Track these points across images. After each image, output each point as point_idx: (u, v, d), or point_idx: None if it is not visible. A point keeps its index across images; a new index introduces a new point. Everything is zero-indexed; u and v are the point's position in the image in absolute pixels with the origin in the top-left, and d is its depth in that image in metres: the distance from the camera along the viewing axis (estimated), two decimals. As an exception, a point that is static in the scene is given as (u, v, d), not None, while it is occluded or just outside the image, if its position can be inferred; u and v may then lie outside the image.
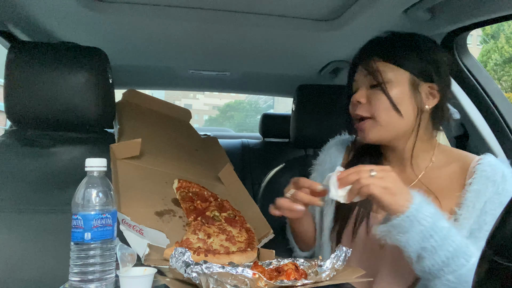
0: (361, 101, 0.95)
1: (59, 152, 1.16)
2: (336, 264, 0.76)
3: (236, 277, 0.66)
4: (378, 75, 0.92)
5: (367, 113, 0.94)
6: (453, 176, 0.94)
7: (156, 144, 1.29)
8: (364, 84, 0.96)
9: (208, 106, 54.17)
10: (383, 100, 0.92)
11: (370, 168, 0.80)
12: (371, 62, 0.94)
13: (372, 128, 0.94)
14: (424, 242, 0.77)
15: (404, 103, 0.92)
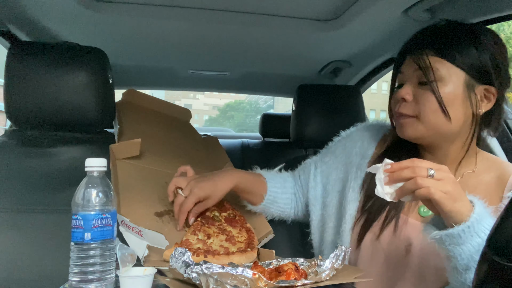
0: (407, 98, 0.87)
1: (59, 152, 1.16)
2: (336, 263, 0.76)
3: (236, 277, 0.66)
4: (430, 72, 0.83)
5: (412, 112, 0.86)
6: (490, 186, 0.88)
7: (156, 144, 1.29)
8: (411, 79, 0.87)
9: (208, 106, 54.19)
10: (432, 100, 0.83)
11: (428, 166, 0.70)
12: (424, 56, 0.84)
13: (414, 126, 0.87)
14: (476, 255, 0.68)
15: (455, 106, 0.83)
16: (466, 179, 0.90)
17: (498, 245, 0.38)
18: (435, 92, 0.83)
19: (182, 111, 1.58)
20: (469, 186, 0.88)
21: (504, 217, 0.39)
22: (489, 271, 0.38)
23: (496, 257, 0.37)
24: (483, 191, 0.87)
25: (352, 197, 0.99)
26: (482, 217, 0.70)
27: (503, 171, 0.89)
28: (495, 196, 0.86)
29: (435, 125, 0.85)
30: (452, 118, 0.84)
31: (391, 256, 0.90)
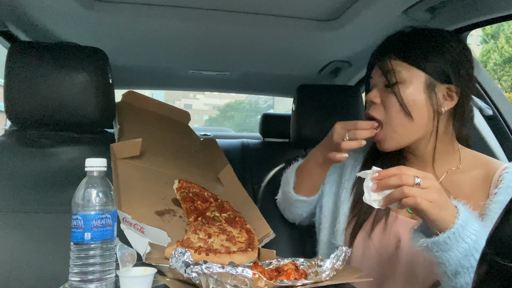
0: (375, 101, 0.92)
1: (59, 152, 1.16)
2: (336, 264, 0.76)
3: (236, 277, 0.66)
4: (391, 75, 0.89)
5: (380, 115, 0.91)
6: (476, 182, 0.89)
7: (156, 145, 1.29)
8: (379, 83, 0.93)
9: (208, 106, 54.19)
10: (396, 102, 0.88)
11: (415, 174, 0.71)
12: (387, 61, 0.90)
13: (388, 137, 0.91)
14: (464, 260, 0.71)
15: (418, 106, 0.88)
16: (450, 176, 0.92)
17: (498, 245, 0.38)
18: (396, 93, 0.88)
19: (181, 113, 1.58)
20: (454, 182, 0.91)
21: (504, 217, 0.39)
22: (489, 271, 0.38)
23: (496, 257, 0.37)
24: (468, 187, 0.89)
25: (345, 197, 1.02)
26: (467, 223, 0.71)
27: (488, 167, 0.90)
28: (482, 192, 0.87)
29: (402, 127, 0.89)
30: (417, 117, 0.88)
31: (382, 253, 0.92)
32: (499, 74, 16.62)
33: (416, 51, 0.89)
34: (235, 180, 1.30)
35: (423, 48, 0.89)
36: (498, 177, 0.86)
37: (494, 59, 16.78)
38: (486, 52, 17.34)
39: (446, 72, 0.88)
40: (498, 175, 0.87)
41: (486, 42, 18.46)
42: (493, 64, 16.68)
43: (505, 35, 17.09)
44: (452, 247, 0.70)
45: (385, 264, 0.91)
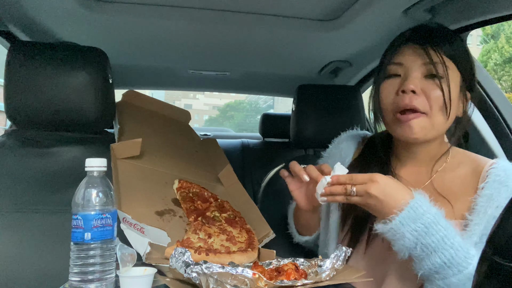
0: (417, 90, 0.84)
1: (59, 152, 1.16)
2: (336, 264, 0.76)
3: (236, 277, 0.66)
4: (440, 67, 0.84)
5: (423, 107, 0.85)
6: (465, 179, 0.91)
7: (156, 144, 1.29)
8: (417, 71, 0.86)
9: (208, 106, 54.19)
10: (441, 95, 0.84)
11: (354, 183, 0.81)
12: (435, 51, 0.85)
13: (423, 125, 0.86)
14: (419, 240, 0.77)
15: (453, 105, 0.87)
16: (440, 175, 0.94)
17: (498, 245, 0.38)
18: (444, 89, 0.84)
19: (182, 113, 1.58)
20: (444, 181, 0.92)
21: (504, 217, 0.39)
22: (489, 271, 0.38)
23: (496, 257, 0.37)
24: (458, 185, 0.91)
25: (334, 207, 1.03)
26: (416, 204, 0.77)
27: (476, 164, 0.92)
28: (471, 188, 0.89)
29: (441, 123, 0.87)
30: (450, 116, 0.87)
31: (375, 256, 0.93)
32: (499, 74, 16.63)
33: (460, 50, 0.88)
34: (235, 180, 1.30)
35: (461, 49, 0.88)
36: (485, 173, 0.88)
37: (494, 59, 16.78)
38: (486, 52, 17.34)
39: (470, 78, 0.90)
40: (485, 171, 0.88)
41: (486, 42, 18.46)
42: (493, 64, 16.68)
43: (505, 35, 17.10)
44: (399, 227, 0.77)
45: (380, 266, 0.91)
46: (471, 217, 0.84)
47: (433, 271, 0.78)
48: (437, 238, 0.76)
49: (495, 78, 15.76)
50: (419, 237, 0.77)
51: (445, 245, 0.76)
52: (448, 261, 0.76)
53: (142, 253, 0.87)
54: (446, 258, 0.76)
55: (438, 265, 0.76)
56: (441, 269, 0.76)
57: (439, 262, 0.76)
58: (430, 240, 0.76)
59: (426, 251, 0.77)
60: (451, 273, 0.76)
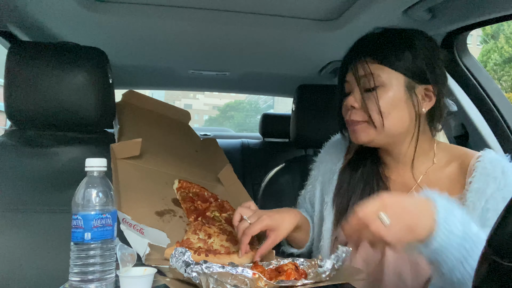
0: (355, 106, 0.91)
1: (59, 152, 1.16)
2: (336, 264, 0.76)
3: (236, 277, 0.66)
4: (371, 79, 0.88)
5: (361, 118, 0.90)
6: (453, 176, 0.90)
7: (156, 145, 1.29)
8: (357, 87, 0.91)
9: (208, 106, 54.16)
10: (381, 102, 0.88)
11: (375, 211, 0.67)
12: (364, 64, 0.89)
13: (365, 130, 0.91)
14: (458, 253, 0.67)
15: (400, 107, 0.88)
16: (428, 175, 0.93)
17: (498, 245, 0.38)
18: (376, 100, 0.87)
19: (182, 113, 1.58)
20: (432, 181, 0.92)
21: (504, 217, 0.39)
22: (489, 271, 0.38)
23: (496, 257, 0.37)
24: (447, 183, 0.90)
25: (328, 212, 1.03)
26: (448, 216, 0.67)
27: (463, 158, 0.91)
28: (459, 185, 0.88)
29: (383, 126, 0.89)
30: (399, 119, 0.88)
31: (369, 261, 0.92)
32: (499, 74, 16.63)
33: (393, 53, 0.88)
34: (235, 180, 1.30)
35: (399, 49, 0.88)
36: (472, 167, 0.87)
37: (494, 59, 16.78)
38: (486, 52, 17.34)
39: (423, 72, 0.88)
40: (472, 165, 0.87)
41: (486, 42, 18.46)
42: (493, 64, 16.68)
43: (505, 35, 17.10)
44: (445, 246, 0.67)
45: (372, 272, 0.91)
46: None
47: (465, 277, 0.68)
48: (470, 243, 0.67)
49: (495, 78, 15.76)
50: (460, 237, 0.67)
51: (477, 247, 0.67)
52: (474, 260, 0.64)
53: (141, 254, 0.87)
54: (474, 259, 0.64)
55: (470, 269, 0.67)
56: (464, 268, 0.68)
57: (470, 267, 0.67)
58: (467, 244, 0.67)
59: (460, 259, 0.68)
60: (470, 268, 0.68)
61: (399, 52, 0.88)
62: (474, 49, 19.77)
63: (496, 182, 0.83)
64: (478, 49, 19.13)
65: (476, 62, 1.35)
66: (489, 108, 1.29)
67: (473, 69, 1.33)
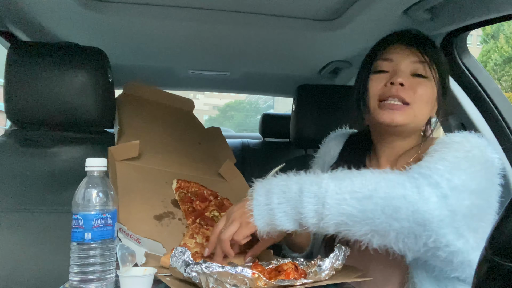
0: (405, 84, 0.90)
1: (59, 152, 1.16)
2: (335, 263, 0.76)
3: (236, 276, 0.66)
4: (426, 68, 0.91)
5: (408, 98, 0.90)
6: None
7: (158, 139, 1.28)
8: (406, 68, 0.92)
9: (208, 106, 54.14)
10: (425, 92, 0.91)
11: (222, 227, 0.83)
12: (423, 53, 0.92)
13: (405, 112, 0.90)
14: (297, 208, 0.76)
15: (431, 105, 0.93)
16: (410, 164, 0.92)
17: (498, 245, 0.38)
18: (428, 87, 0.91)
19: (185, 101, 1.55)
20: None
21: (504, 217, 0.39)
22: (489, 271, 0.38)
23: (496, 257, 0.37)
24: None
25: None
26: (258, 190, 0.81)
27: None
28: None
29: (422, 115, 0.92)
30: (427, 115, 0.94)
31: (358, 257, 0.89)
32: (499, 74, 16.63)
33: (439, 57, 0.95)
34: (237, 174, 1.29)
35: (442, 57, 0.96)
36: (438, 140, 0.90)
37: (494, 59, 16.79)
38: (486, 52, 17.34)
39: (445, 81, 0.95)
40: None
41: (486, 42, 18.46)
42: (493, 64, 16.68)
43: (505, 35, 17.10)
44: (287, 211, 0.77)
45: (363, 266, 0.90)
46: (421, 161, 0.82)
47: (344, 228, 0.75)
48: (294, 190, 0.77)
49: (495, 78, 15.76)
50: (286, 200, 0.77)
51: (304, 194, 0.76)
52: (318, 205, 0.75)
53: (139, 263, 0.87)
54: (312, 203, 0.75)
55: (313, 213, 0.75)
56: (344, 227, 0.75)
57: (312, 209, 0.75)
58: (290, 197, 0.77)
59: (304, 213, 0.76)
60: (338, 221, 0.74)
61: (442, 58, 0.96)
62: (474, 49, 19.77)
63: (460, 149, 0.83)
64: (478, 49, 19.13)
65: (476, 62, 1.35)
66: (489, 108, 1.29)
67: (473, 69, 1.33)
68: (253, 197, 0.80)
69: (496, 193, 0.83)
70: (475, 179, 0.77)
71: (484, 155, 0.83)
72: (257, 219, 0.79)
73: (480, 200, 0.78)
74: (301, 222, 0.77)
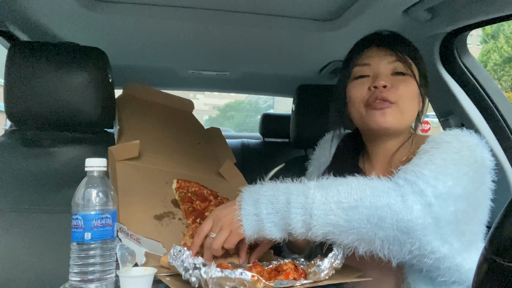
0: (387, 85, 0.91)
1: (59, 152, 1.16)
2: (335, 263, 0.76)
3: (235, 280, 0.66)
4: (405, 65, 0.92)
5: (394, 98, 0.90)
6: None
7: (157, 140, 1.28)
8: (385, 69, 0.93)
9: (208, 106, 54.13)
10: (409, 89, 0.92)
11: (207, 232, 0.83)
12: (400, 51, 0.93)
13: (394, 113, 0.91)
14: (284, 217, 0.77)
15: (415, 101, 0.94)
16: (404, 163, 0.92)
17: (498, 245, 0.38)
18: (410, 83, 0.92)
19: (185, 102, 1.55)
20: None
21: (504, 217, 0.39)
22: (489, 271, 0.38)
23: (496, 257, 0.37)
24: None
25: None
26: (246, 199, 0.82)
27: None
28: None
29: (409, 111, 0.93)
30: (414, 113, 0.94)
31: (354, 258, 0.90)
32: (499, 74, 16.63)
33: (417, 52, 0.97)
34: (237, 173, 1.29)
35: (416, 51, 0.97)
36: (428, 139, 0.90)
37: (494, 59, 16.79)
38: (486, 52, 17.35)
39: (425, 74, 0.97)
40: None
41: (486, 42, 18.47)
42: (493, 64, 16.69)
43: (505, 35, 17.10)
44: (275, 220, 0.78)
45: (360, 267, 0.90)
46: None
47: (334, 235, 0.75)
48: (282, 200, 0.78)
49: (495, 78, 15.76)
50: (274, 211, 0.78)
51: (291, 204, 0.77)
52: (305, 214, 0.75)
53: (139, 263, 0.87)
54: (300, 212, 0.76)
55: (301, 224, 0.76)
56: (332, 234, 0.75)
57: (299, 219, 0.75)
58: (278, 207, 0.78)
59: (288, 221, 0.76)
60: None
61: (417, 52, 0.97)
62: (474, 49, 19.78)
63: (451, 147, 0.82)
64: (478, 49, 19.13)
65: (476, 62, 1.35)
66: (489, 108, 1.29)
67: (473, 69, 1.33)
68: (241, 206, 0.80)
69: (487, 192, 0.83)
70: (461, 183, 0.77)
71: (473, 155, 0.82)
72: (247, 229, 0.79)
73: (466, 205, 0.78)
74: (290, 232, 0.78)
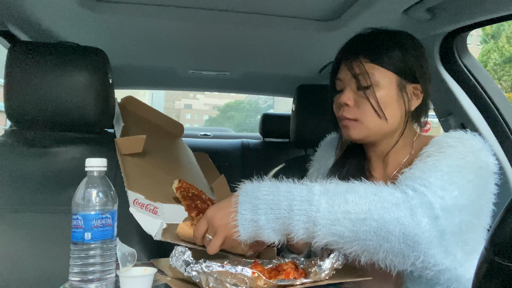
0: (349, 103, 0.92)
1: (59, 152, 1.16)
2: (336, 263, 0.76)
3: (236, 275, 0.66)
4: (366, 78, 0.89)
5: (353, 116, 0.92)
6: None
7: (153, 150, 1.28)
8: (350, 85, 0.93)
9: (208, 106, 54.14)
10: (374, 101, 0.89)
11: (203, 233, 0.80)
12: (359, 63, 0.90)
13: (357, 128, 0.92)
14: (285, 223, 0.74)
15: (392, 106, 0.90)
16: (405, 164, 0.94)
17: (498, 245, 0.38)
18: (373, 97, 0.89)
19: (176, 125, 1.55)
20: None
21: (504, 217, 0.39)
22: (489, 271, 0.38)
23: (496, 257, 0.37)
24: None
25: None
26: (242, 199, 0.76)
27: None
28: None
29: (375, 126, 0.91)
30: (389, 118, 0.90)
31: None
32: (499, 74, 16.64)
33: (385, 53, 0.91)
34: (228, 191, 1.30)
35: (390, 49, 0.91)
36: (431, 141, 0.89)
37: (494, 59, 16.80)
38: (486, 52, 17.35)
39: (413, 71, 0.91)
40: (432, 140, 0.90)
41: (486, 42, 18.47)
42: (493, 64, 16.69)
43: (506, 35, 17.11)
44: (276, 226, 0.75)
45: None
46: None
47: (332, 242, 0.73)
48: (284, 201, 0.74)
49: (495, 78, 15.76)
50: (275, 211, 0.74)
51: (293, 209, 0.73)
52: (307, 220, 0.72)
53: (153, 234, 0.86)
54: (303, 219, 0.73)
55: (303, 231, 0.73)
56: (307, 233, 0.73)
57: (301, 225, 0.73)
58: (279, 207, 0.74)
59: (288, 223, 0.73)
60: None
61: (390, 52, 0.91)
62: (474, 49, 19.78)
63: (456, 151, 0.81)
64: (478, 49, 19.14)
65: (476, 62, 1.35)
66: (489, 108, 1.29)
67: (473, 69, 1.33)
68: (238, 210, 0.76)
69: (490, 198, 0.83)
70: (466, 192, 0.77)
71: (478, 160, 0.82)
72: (242, 234, 0.75)
73: (470, 214, 0.78)
74: (290, 237, 0.75)
